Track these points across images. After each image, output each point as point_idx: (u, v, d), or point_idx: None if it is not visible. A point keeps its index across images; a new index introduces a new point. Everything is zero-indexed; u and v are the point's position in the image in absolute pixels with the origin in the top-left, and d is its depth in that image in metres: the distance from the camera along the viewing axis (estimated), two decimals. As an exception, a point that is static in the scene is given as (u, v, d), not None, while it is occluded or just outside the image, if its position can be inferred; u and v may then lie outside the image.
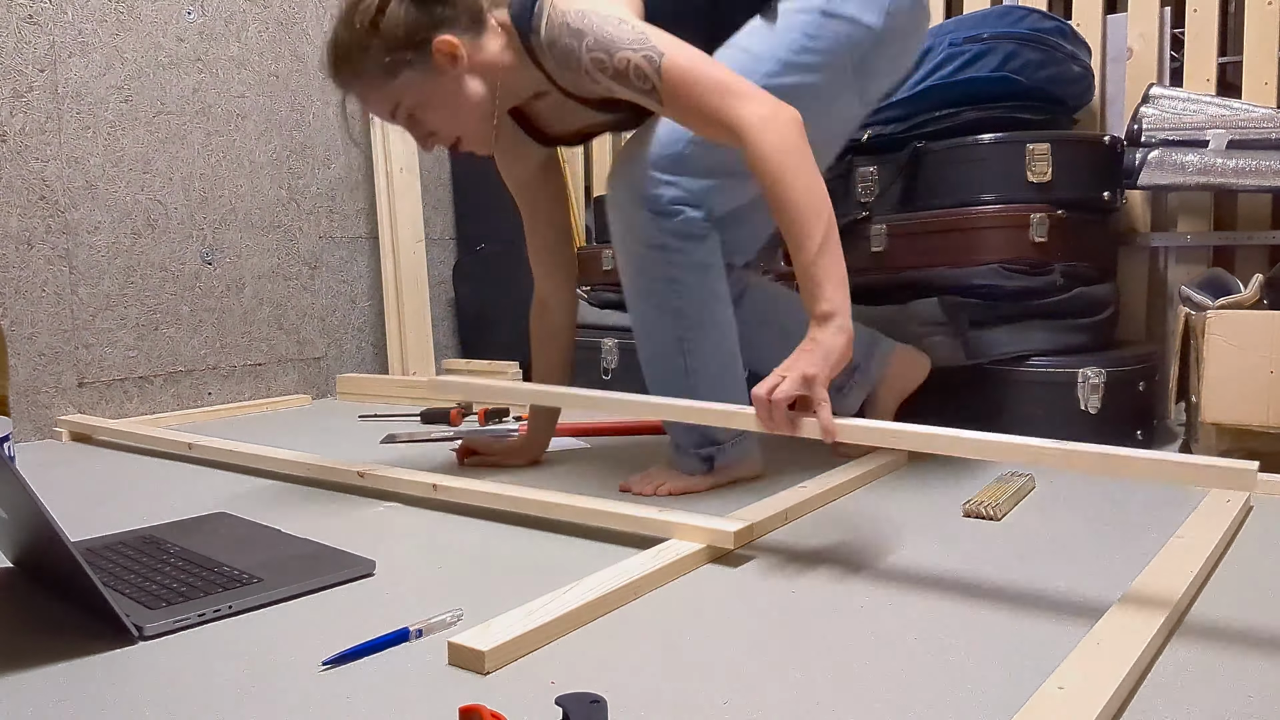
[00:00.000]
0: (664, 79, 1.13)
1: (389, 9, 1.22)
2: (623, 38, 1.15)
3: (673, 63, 1.13)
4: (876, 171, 1.83)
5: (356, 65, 1.26)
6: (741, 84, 1.12)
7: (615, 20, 1.17)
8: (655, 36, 1.15)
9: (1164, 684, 0.75)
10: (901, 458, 1.57)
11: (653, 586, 0.99)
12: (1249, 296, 1.48)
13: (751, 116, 1.09)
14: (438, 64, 1.24)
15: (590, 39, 1.17)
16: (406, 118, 1.29)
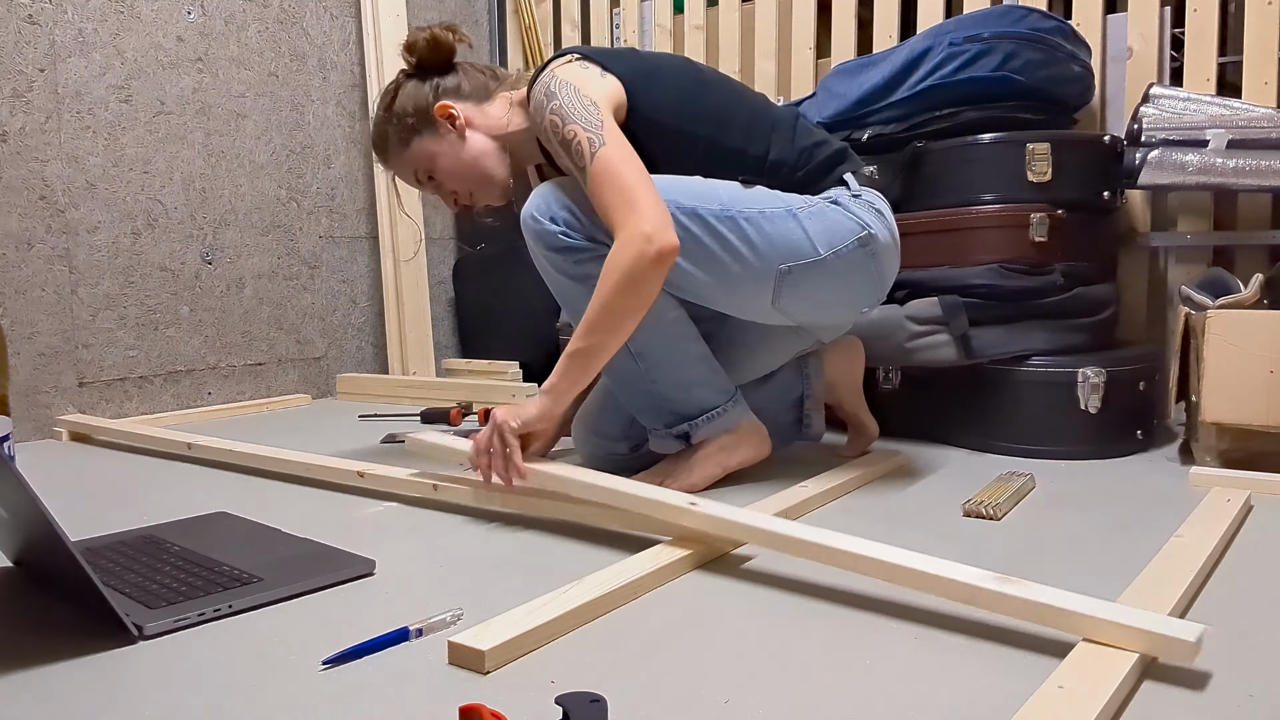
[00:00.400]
0: (593, 164, 1.24)
1: (400, 91, 1.45)
2: (582, 116, 1.27)
3: (606, 155, 1.24)
4: (876, 171, 1.83)
5: (382, 143, 1.49)
6: (644, 201, 1.21)
7: (587, 101, 1.28)
8: (609, 129, 1.26)
9: (1164, 684, 0.75)
10: (902, 457, 1.57)
11: (653, 586, 0.99)
12: (1249, 296, 1.48)
13: (631, 229, 1.20)
14: (440, 127, 1.43)
15: (557, 103, 1.29)
16: (427, 180, 1.48)
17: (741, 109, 1.39)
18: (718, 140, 1.37)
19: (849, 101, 1.88)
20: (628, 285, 1.19)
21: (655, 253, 1.19)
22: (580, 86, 1.29)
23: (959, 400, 1.71)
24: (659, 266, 1.20)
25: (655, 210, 1.21)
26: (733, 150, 1.37)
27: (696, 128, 1.36)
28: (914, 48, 1.82)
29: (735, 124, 1.38)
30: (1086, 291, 1.74)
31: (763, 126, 1.39)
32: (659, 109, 1.34)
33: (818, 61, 2.39)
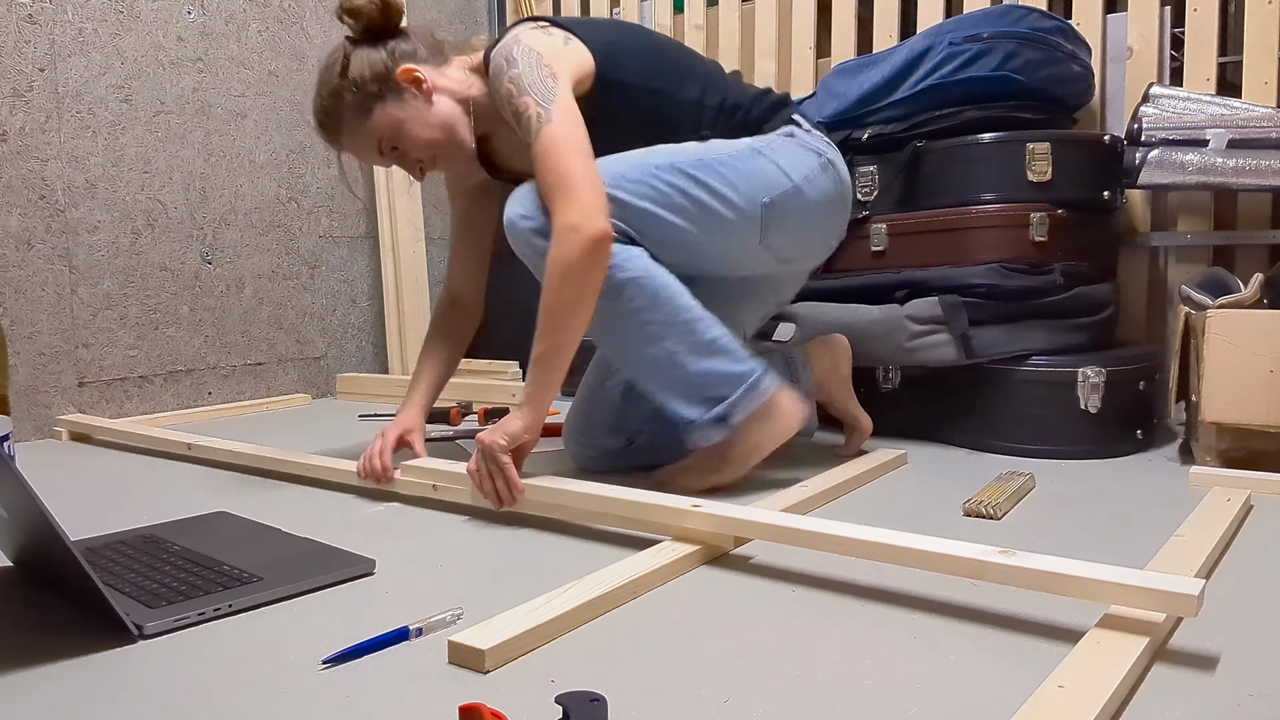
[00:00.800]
0: (537, 141, 1.23)
1: (352, 58, 1.35)
2: (537, 87, 1.25)
3: (551, 131, 1.23)
4: (876, 171, 1.83)
5: (336, 116, 1.37)
6: (576, 186, 1.21)
7: (546, 72, 1.27)
8: (560, 103, 1.24)
9: (1164, 683, 0.75)
10: (902, 457, 1.57)
11: (652, 585, 0.99)
12: (1249, 296, 1.48)
13: (559, 218, 1.20)
14: (405, 92, 1.35)
15: (516, 71, 1.27)
16: (391, 150, 1.39)
17: (697, 66, 1.44)
18: (677, 94, 1.40)
19: (849, 101, 1.88)
20: (567, 279, 1.20)
21: (584, 242, 1.19)
22: (544, 54, 1.28)
23: (959, 400, 1.71)
24: (593, 255, 1.19)
25: (586, 196, 1.20)
26: (690, 101, 1.40)
27: (659, 84, 1.38)
28: (914, 47, 1.82)
29: (693, 78, 1.42)
30: (1086, 291, 1.74)
31: (716, 81, 1.44)
32: (625, 70, 1.36)
33: (818, 61, 2.39)
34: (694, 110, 1.40)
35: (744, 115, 1.42)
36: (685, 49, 1.46)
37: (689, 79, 1.41)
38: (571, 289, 1.20)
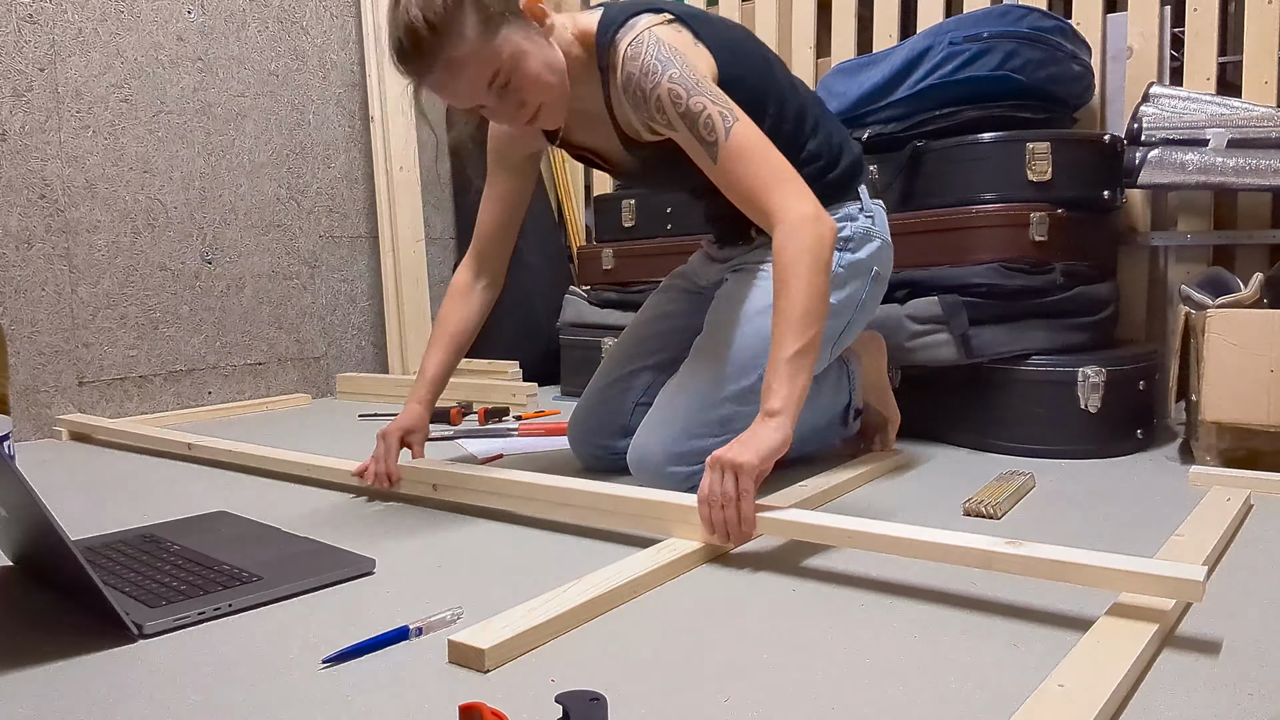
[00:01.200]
0: (730, 139, 1.19)
1: None
2: (705, 88, 1.21)
3: (744, 131, 1.19)
4: (876, 170, 1.83)
5: (455, 30, 1.13)
6: (796, 180, 1.18)
7: (701, 72, 1.22)
8: (735, 105, 1.21)
9: (1164, 682, 0.75)
10: (902, 457, 1.57)
11: (653, 585, 0.99)
12: (1249, 295, 1.48)
13: (792, 211, 1.15)
14: (529, 22, 1.20)
15: (675, 72, 1.20)
16: (502, 86, 1.20)
17: (795, 96, 1.40)
18: (779, 123, 1.36)
19: (849, 100, 1.88)
20: (820, 266, 1.14)
21: (830, 232, 1.16)
22: (685, 52, 1.23)
23: (959, 399, 1.71)
24: (833, 242, 1.17)
25: (809, 192, 1.18)
26: (787, 134, 1.37)
27: (766, 107, 1.35)
28: (914, 47, 1.82)
29: (791, 108, 1.38)
30: (1086, 291, 1.74)
31: (808, 116, 1.41)
32: (741, 86, 1.30)
33: (818, 61, 2.39)
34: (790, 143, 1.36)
35: (819, 170, 1.40)
36: (786, 68, 1.43)
37: (790, 106, 1.38)
38: (822, 276, 1.14)
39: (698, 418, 1.31)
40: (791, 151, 1.36)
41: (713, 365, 1.33)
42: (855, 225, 1.42)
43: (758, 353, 1.32)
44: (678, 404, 1.32)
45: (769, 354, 1.14)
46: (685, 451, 1.31)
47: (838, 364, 1.54)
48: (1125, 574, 0.84)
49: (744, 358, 1.33)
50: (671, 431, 1.31)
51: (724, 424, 1.32)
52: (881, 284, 1.47)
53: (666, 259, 2.21)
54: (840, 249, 1.39)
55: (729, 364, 1.32)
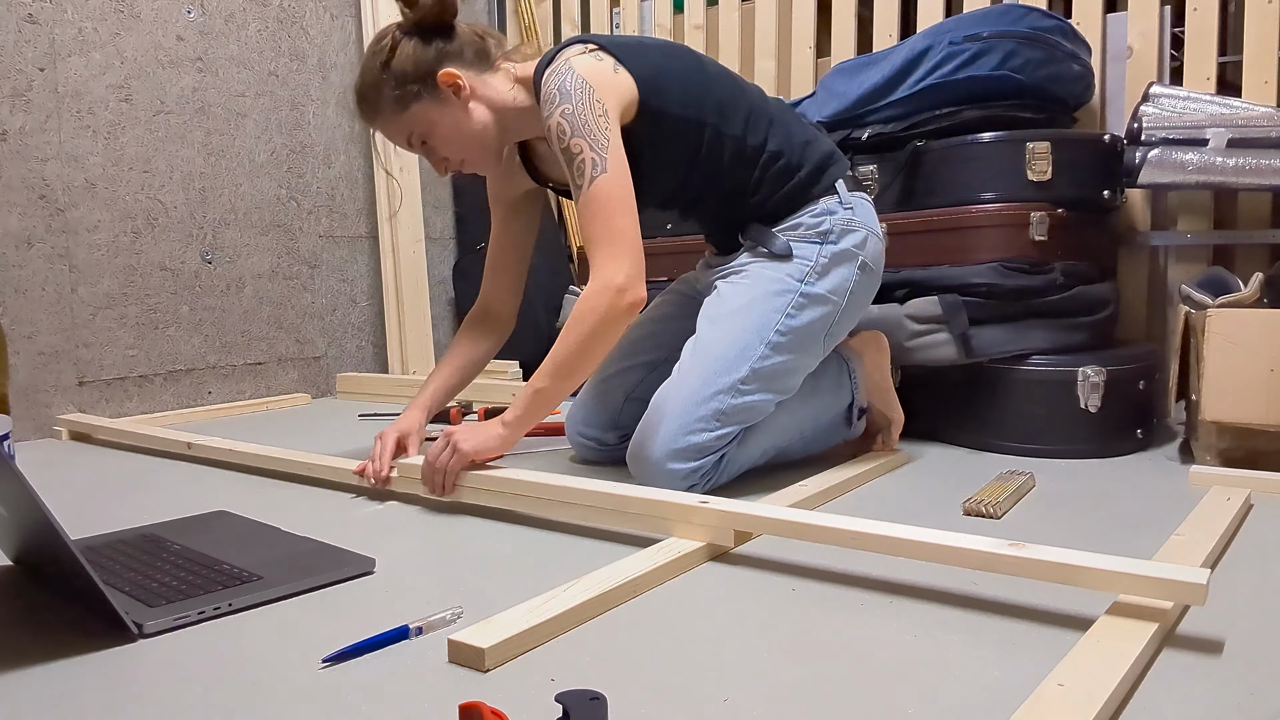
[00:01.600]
0: (591, 189, 1.28)
1: (399, 48, 1.36)
2: (591, 128, 1.28)
3: (604, 184, 1.27)
4: (876, 170, 1.83)
5: (374, 102, 1.38)
6: (625, 247, 1.27)
7: (599, 110, 1.28)
8: (614, 152, 1.28)
9: (1164, 681, 0.75)
10: (902, 456, 1.57)
11: (653, 584, 0.99)
12: (1249, 295, 1.48)
13: (604, 273, 1.27)
14: (443, 94, 1.36)
15: (569, 107, 1.28)
16: (420, 145, 1.41)
17: (742, 100, 1.43)
18: (721, 129, 1.40)
19: (849, 100, 1.88)
20: (600, 331, 1.26)
21: (626, 305, 1.27)
22: (596, 86, 1.29)
23: (959, 399, 1.71)
24: (627, 317, 1.28)
25: (633, 259, 1.27)
26: (733, 138, 1.41)
27: (703, 117, 1.39)
28: (914, 47, 1.82)
29: (737, 114, 1.41)
30: (1086, 290, 1.74)
31: (761, 119, 1.44)
32: (670, 102, 1.36)
33: (818, 61, 2.39)
34: (738, 149, 1.41)
35: (784, 169, 1.43)
36: (731, 76, 1.45)
37: (733, 111, 1.41)
38: (601, 342, 1.27)
39: (692, 414, 1.32)
40: (746, 156, 1.42)
41: (703, 362, 1.35)
42: (834, 218, 1.43)
43: (745, 345, 1.35)
44: (672, 403, 1.34)
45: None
46: (683, 448, 1.31)
47: (838, 363, 1.54)
48: (1128, 576, 0.84)
49: (732, 352, 1.35)
50: (668, 430, 1.32)
51: (718, 417, 1.33)
52: (871, 275, 1.47)
53: (666, 259, 2.20)
54: (820, 242, 1.42)
55: (718, 359, 1.34)
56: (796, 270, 1.40)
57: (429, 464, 1.30)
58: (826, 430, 1.54)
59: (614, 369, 1.59)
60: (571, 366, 1.27)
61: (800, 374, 1.42)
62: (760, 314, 1.37)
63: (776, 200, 1.44)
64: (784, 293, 1.39)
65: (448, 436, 1.30)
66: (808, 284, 1.40)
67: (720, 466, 1.35)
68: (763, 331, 1.36)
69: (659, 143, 1.37)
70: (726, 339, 1.36)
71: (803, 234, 1.42)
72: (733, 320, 1.38)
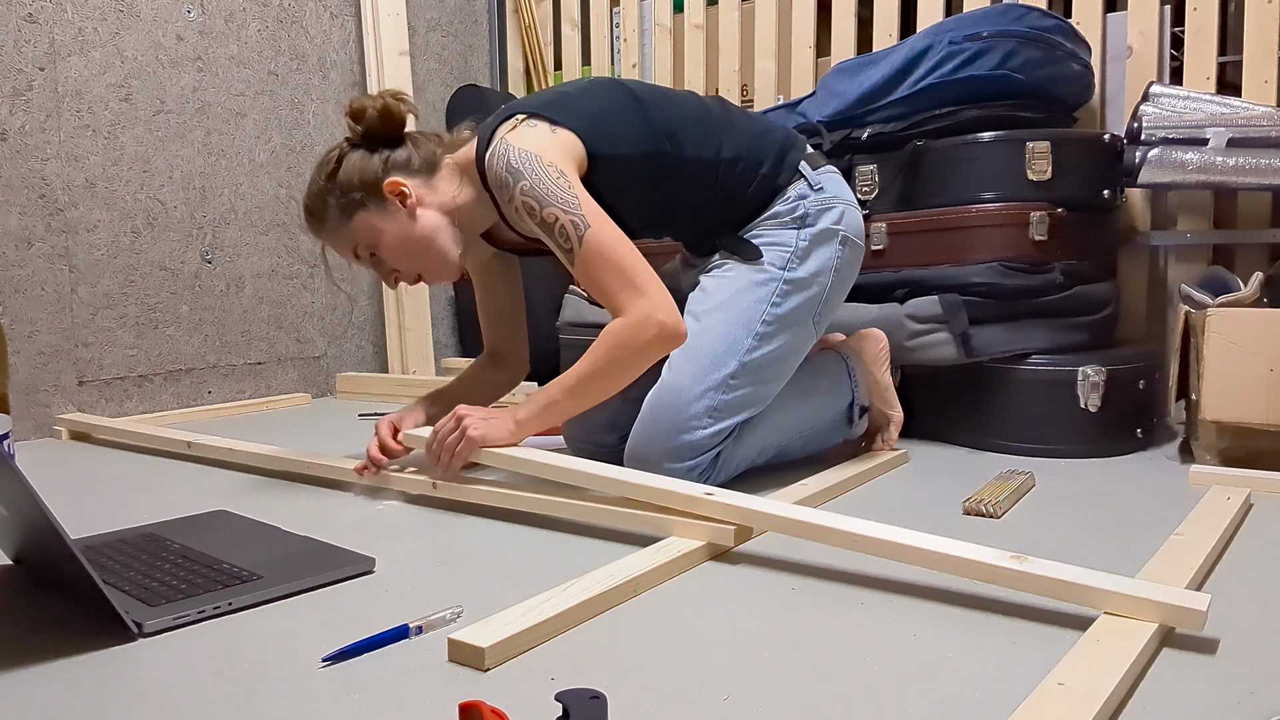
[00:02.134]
0: (584, 248, 1.26)
1: (344, 160, 1.37)
2: (556, 194, 1.26)
3: (595, 239, 1.25)
4: (876, 170, 1.83)
5: (319, 214, 1.38)
6: (646, 283, 1.26)
7: (555, 173, 1.27)
8: (587, 205, 1.26)
9: (1163, 680, 0.75)
10: (902, 456, 1.57)
11: (653, 584, 0.99)
12: (1249, 294, 1.48)
13: (643, 311, 1.25)
14: (389, 204, 1.36)
15: (525, 183, 1.26)
16: (369, 257, 1.40)
17: (685, 119, 1.41)
18: (674, 154, 1.39)
19: (849, 100, 1.88)
20: (635, 360, 1.26)
21: (667, 336, 1.26)
22: (541, 154, 1.27)
23: (959, 398, 1.71)
24: (663, 348, 1.27)
25: (661, 293, 1.26)
26: (690, 160, 1.39)
27: (655, 147, 1.37)
28: (914, 46, 1.82)
29: (684, 134, 1.40)
30: (1086, 290, 1.74)
31: (709, 130, 1.42)
32: (617, 144, 1.34)
33: (818, 60, 2.39)
34: (696, 167, 1.40)
35: (746, 171, 1.42)
36: (664, 95, 1.43)
37: (683, 133, 1.39)
38: (632, 370, 1.27)
39: (685, 412, 1.32)
40: (705, 172, 1.41)
41: (692, 360, 1.35)
42: (808, 202, 1.42)
43: (732, 340, 1.35)
44: (664, 403, 1.34)
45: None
46: (678, 446, 1.31)
47: (837, 363, 1.54)
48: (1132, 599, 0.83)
49: (720, 348, 1.34)
50: (662, 430, 1.32)
51: (710, 414, 1.33)
52: (854, 248, 1.46)
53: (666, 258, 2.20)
54: (798, 226, 1.41)
55: (706, 356, 1.34)
56: (778, 258, 1.39)
57: (436, 437, 1.30)
58: (827, 429, 1.54)
59: None
60: (598, 386, 1.27)
61: (793, 359, 1.42)
62: (745, 306, 1.37)
63: (745, 201, 1.43)
64: (767, 282, 1.38)
65: (459, 418, 1.29)
66: (790, 270, 1.39)
67: (718, 464, 1.35)
68: (749, 324, 1.36)
69: (619, 185, 1.36)
70: (713, 334, 1.36)
71: (779, 222, 1.41)
72: (718, 315, 1.37)
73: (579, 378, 1.27)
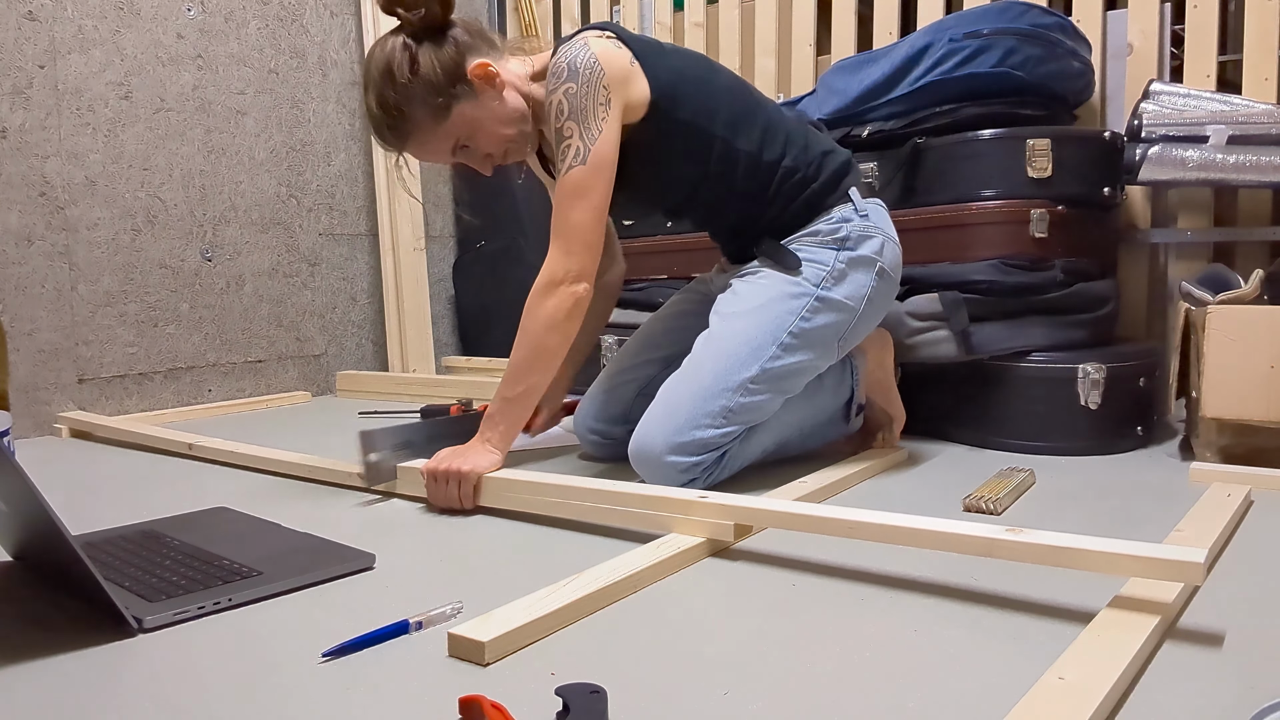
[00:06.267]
0: (567, 176, 1.28)
1: (420, 59, 1.29)
2: (588, 114, 1.28)
3: (577, 175, 1.28)
4: (877, 167, 1.83)
5: (405, 122, 1.31)
6: (585, 244, 1.29)
7: (604, 97, 1.28)
8: (600, 145, 1.28)
9: (1165, 674, 0.75)
10: (902, 453, 1.57)
11: (653, 580, 0.99)
12: (1249, 292, 1.48)
13: (553, 266, 1.29)
14: (479, 89, 1.32)
15: (573, 87, 1.28)
16: (464, 148, 1.36)
17: (757, 115, 1.42)
18: (732, 142, 1.39)
19: (849, 98, 1.88)
20: (553, 329, 1.29)
21: (573, 298, 1.29)
22: (608, 72, 1.28)
23: (959, 396, 1.71)
24: (576, 309, 1.30)
25: (581, 254, 1.29)
26: (746, 153, 1.39)
27: (713, 129, 1.37)
28: (914, 44, 1.82)
29: (751, 128, 1.40)
30: (1087, 287, 1.74)
31: (776, 133, 1.42)
32: (682, 107, 1.35)
33: (818, 58, 2.39)
34: (752, 163, 1.40)
35: (799, 182, 1.42)
36: (745, 87, 1.44)
37: (747, 126, 1.40)
38: (555, 337, 1.30)
39: (700, 408, 1.32)
40: (760, 171, 1.41)
41: (714, 358, 1.34)
42: (851, 225, 1.42)
43: (758, 344, 1.34)
44: (680, 396, 1.33)
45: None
46: (687, 442, 1.31)
47: (840, 359, 1.54)
48: (1125, 558, 0.84)
49: (745, 351, 1.34)
50: (674, 423, 1.32)
51: (725, 415, 1.33)
52: (889, 281, 1.46)
53: (667, 257, 2.20)
54: (837, 248, 1.40)
55: (730, 357, 1.34)
56: (813, 274, 1.39)
57: (438, 496, 1.29)
58: (825, 426, 1.53)
59: (628, 364, 1.59)
60: (534, 365, 1.30)
61: (808, 376, 1.42)
62: (775, 314, 1.36)
63: (791, 212, 1.43)
64: (800, 295, 1.38)
65: (441, 471, 1.28)
66: (824, 289, 1.38)
67: (722, 463, 1.35)
68: (776, 332, 1.36)
69: (665, 148, 1.36)
70: (740, 336, 1.35)
71: (819, 240, 1.41)
72: (747, 318, 1.37)
73: (522, 364, 1.30)
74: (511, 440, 1.33)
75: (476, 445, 1.31)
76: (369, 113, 1.34)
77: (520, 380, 1.30)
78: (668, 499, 1.12)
